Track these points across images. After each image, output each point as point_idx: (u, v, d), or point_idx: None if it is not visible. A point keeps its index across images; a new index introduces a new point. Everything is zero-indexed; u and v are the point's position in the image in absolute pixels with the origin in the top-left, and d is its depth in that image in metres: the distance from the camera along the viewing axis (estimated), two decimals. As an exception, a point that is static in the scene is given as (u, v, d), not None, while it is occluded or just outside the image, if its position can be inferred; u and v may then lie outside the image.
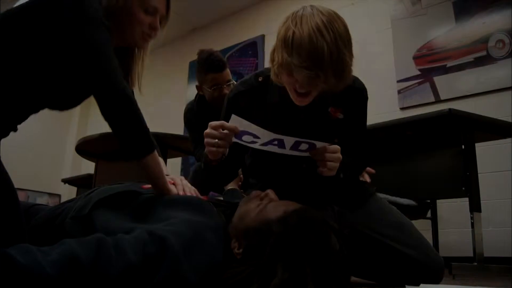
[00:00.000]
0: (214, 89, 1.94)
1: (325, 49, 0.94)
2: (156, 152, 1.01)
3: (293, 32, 0.97)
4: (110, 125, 0.96)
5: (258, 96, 1.21)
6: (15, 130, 1.08)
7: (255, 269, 0.73)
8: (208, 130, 1.04)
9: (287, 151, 1.08)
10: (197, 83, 2.02)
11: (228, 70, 1.97)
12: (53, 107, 1.12)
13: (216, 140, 1.03)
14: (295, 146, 1.06)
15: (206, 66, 1.93)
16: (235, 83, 1.93)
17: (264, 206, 0.89)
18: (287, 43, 0.98)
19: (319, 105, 1.17)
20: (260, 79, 1.22)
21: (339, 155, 1.07)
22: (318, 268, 0.70)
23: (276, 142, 1.05)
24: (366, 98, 1.24)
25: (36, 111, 1.09)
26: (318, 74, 0.96)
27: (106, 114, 0.96)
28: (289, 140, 1.04)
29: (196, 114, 2.08)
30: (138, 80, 1.21)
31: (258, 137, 1.03)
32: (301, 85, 1.02)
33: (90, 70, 0.96)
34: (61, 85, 1.04)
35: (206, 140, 1.05)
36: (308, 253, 0.71)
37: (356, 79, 1.21)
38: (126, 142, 0.97)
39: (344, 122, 1.21)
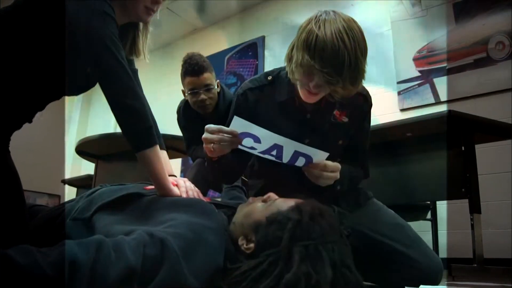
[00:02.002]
0: (191, 93, 1.90)
1: (346, 57, 0.98)
2: (157, 147, 1.01)
3: (316, 36, 0.99)
4: (114, 115, 0.98)
5: (267, 93, 1.24)
6: (30, 121, 1.09)
7: (276, 257, 0.75)
8: (205, 135, 1.04)
9: (283, 162, 1.10)
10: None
11: (208, 75, 1.89)
12: (64, 93, 1.13)
13: (212, 145, 1.03)
14: (292, 159, 1.08)
15: (183, 70, 1.90)
16: (215, 88, 1.93)
17: (272, 202, 0.91)
18: (309, 45, 1.00)
19: (325, 107, 1.20)
20: (269, 77, 1.25)
21: (336, 174, 1.10)
22: (333, 252, 0.74)
23: (274, 152, 1.07)
24: (370, 104, 1.27)
25: (51, 98, 1.10)
26: (338, 80, 0.99)
27: (110, 104, 0.98)
28: (288, 150, 1.06)
29: (183, 116, 2.09)
30: (143, 50, 1.24)
31: (259, 142, 1.04)
32: (316, 86, 1.05)
33: (96, 65, 0.98)
34: (70, 72, 1.05)
35: (204, 145, 1.06)
36: (323, 238, 0.76)
37: (362, 87, 1.24)
38: (127, 132, 0.99)
39: (348, 126, 1.24)
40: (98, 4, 0.98)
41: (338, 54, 0.97)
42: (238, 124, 1.01)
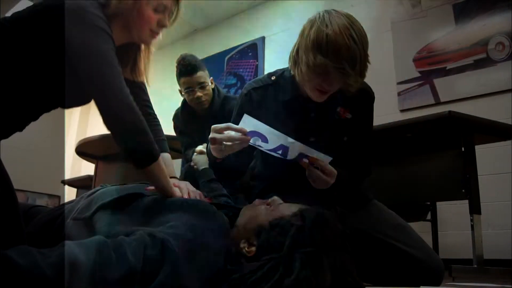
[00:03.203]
0: (187, 92, 2.01)
1: (357, 51, 1.02)
2: (160, 160, 1.00)
3: (327, 35, 1.02)
4: (112, 135, 0.95)
5: (271, 93, 1.25)
6: (21, 130, 1.08)
7: (277, 262, 0.75)
8: (212, 135, 1.04)
9: (287, 159, 1.12)
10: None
11: (201, 73, 2.00)
12: (60, 105, 1.12)
13: (222, 145, 1.03)
14: (296, 158, 1.11)
15: (178, 71, 2.02)
16: (210, 85, 2.00)
17: (276, 206, 0.91)
18: (321, 45, 1.03)
19: (329, 105, 1.21)
20: (273, 77, 1.27)
21: (330, 179, 1.11)
22: (334, 260, 0.75)
23: (280, 152, 1.08)
24: (373, 100, 1.28)
25: (44, 110, 1.09)
26: (351, 74, 1.03)
27: (107, 123, 0.95)
28: (293, 151, 1.08)
29: (181, 118, 2.18)
30: (145, 72, 1.22)
31: (266, 141, 1.05)
32: (329, 84, 1.07)
33: (90, 80, 0.95)
34: (63, 86, 1.04)
35: (212, 146, 1.07)
36: (325, 245, 0.76)
37: (363, 82, 1.24)
38: (128, 152, 0.96)
39: (352, 122, 1.25)
40: (93, 19, 0.96)
41: (350, 49, 1.01)
42: (248, 122, 1.02)
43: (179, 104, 2.25)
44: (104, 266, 0.64)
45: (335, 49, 1.01)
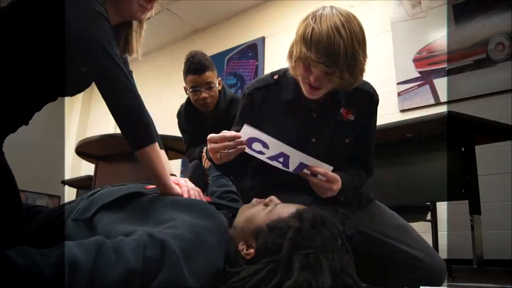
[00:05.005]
0: (193, 91, 1.94)
1: (341, 47, 1.00)
2: (157, 145, 1.01)
3: (312, 29, 1.03)
4: (112, 114, 0.98)
5: (273, 93, 1.25)
6: (26, 123, 1.09)
7: (276, 265, 0.75)
8: (210, 146, 1.07)
9: (289, 170, 1.12)
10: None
11: (209, 74, 1.92)
12: (61, 94, 1.12)
13: (219, 154, 1.07)
14: (298, 169, 1.10)
15: (186, 68, 1.94)
16: (217, 86, 1.96)
17: (273, 207, 0.91)
18: (306, 38, 1.03)
19: (332, 106, 1.21)
20: (275, 77, 1.27)
21: (332, 185, 1.12)
22: (333, 261, 0.74)
23: (281, 160, 1.09)
24: (377, 102, 1.28)
25: (46, 100, 1.10)
26: (334, 70, 1.01)
27: (108, 103, 0.97)
28: (294, 160, 1.08)
29: (184, 116, 2.12)
30: (137, 47, 1.23)
31: (267, 147, 1.06)
32: (316, 79, 1.06)
33: (90, 64, 0.98)
34: (63, 72, 1.04)
35: (211, 155, 1.10)
36: (323, 246, 0.76)
37: (367, 83, 1.26)
38: (126, 131, 0.99)
39: (354, 124, 1.24)
40: (91, 4, 0.97)
41: (333, 44, 1.00)
42: (248, 132, 1.03)
43: (177, 104, 2.21)
44: (103, 267, 0.64)
45: (316, 42, 1.01)
